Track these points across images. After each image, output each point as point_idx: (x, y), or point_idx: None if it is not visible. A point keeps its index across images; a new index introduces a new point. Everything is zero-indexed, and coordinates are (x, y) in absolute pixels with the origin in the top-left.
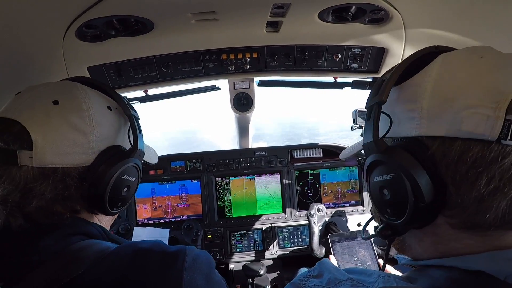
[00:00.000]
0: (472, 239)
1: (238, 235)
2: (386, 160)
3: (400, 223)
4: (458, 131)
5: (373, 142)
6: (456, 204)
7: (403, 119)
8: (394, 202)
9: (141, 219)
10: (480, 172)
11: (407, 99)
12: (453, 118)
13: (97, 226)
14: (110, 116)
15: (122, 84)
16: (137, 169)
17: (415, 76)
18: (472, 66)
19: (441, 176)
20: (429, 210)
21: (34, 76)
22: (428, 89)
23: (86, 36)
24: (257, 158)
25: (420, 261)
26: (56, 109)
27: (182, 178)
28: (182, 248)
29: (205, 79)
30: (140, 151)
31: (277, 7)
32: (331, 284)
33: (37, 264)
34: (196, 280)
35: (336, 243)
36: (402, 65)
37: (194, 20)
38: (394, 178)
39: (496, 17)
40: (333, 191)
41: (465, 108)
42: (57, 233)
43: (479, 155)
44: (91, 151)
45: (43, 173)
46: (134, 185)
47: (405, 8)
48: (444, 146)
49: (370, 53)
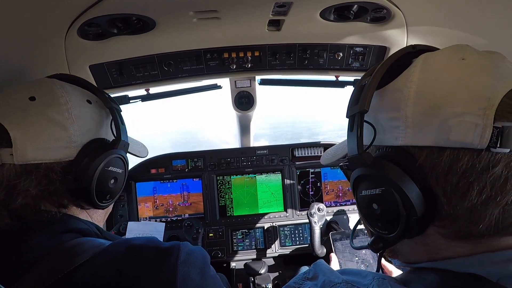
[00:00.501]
0: (463, 247)
1: (240, 234)
2: (373, 174)
3: (392, 236)
4: (446, 140)
5: (359, 155)
6: (448, 215)
7: (387, 127)
8: (384, 216)
9: (142, 217)
10: (471, 182)
11: (390, 106)
12: (440, 127)
13: (88, 223)
14: (90, 109)
15: (124, 82)
16: (123, 160)
17: (395, 80)
18: (455, 69)
19: (431, 188)
20: (420, 222)
21: (36, 75)
22: (411, 96)
23: (88, 35)
24: (259, 156)
25: (413, 264)
26: (33, 105)
27: (184, 176)
28: (176, 243)
29: (206, 78)
30: (123, 142)
31: (279, 6)
32: (326, 287)
33: (31, 262)
34: (191, 274)
35: (338, 241)
36: (382, 69)
37: (196, 19)
38: (383, 192)
39: (498, 13)
40: (334, 189)
41: (452, 116)
42: (47, 230)
43: (469, 164)
44: (73, 145)
45: (26, 169)
46: (121, 177)
47: (407, 6)
48: (432, 156)
49: (372, 51)
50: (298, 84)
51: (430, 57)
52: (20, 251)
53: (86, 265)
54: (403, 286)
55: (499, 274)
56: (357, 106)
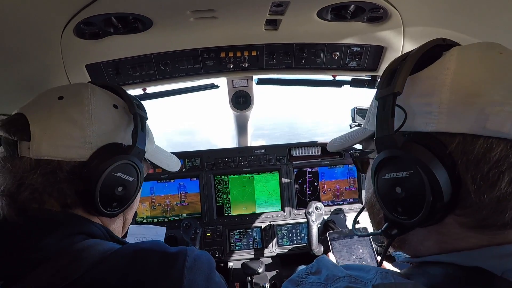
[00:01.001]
0: (478, 238)
1: (237, 233)
2: (403, 156)
3: (412, 222)
4: (482, 128)
5: (389, 136)
6: (472, 204)
7: (418, 113)
8: (408, 200)
9: (140, 217)
10: (503, 172)
11: (422, 91)
12: (477, 115)
13: (100, 226)
14: (114, 113)
15: (120, 82)
16: (136, 168)
17: (429, 68)
18: (493, 61)
19: (459, 175)
20: (444, 209)
21: (32, 74)
22: (447, 83)
23: (85, 34)
24: (256, 156)
25: (418, 258)
26: (59, 104)
27: (181, 176)
28: (182, 248)
29: (203, 77)
30: (138, 149)
31: (276, 5)
32: (329, 281)
33: (38, 262)
34: (197, 281)
35: (335, 240)
36: (416, 55)
37: (193, 18)
38: (411, 176)
39: (495, 15)
40: (331, 189)
41: (491, 104)
42: (59, 231)
43: (503, 154)
44: (87, 146)
45: (38, 164)
46: (131, 186)
47: (404, 6)
48: (465, 143)
49: (369, 51)
50: (295, 83)
51: (465, 49)
52: (26, 250)
53: (94, 269)
54: (406, 279)
55: (503, 268)
56: (390, 87)
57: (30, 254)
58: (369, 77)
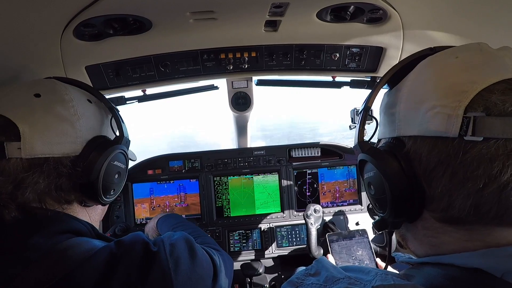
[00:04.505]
0: (459, 233)
1: (237, 235)
2: (367, 159)
3: (384, 216)
4: (426, 130)
5: (358, 144)
6: (432, 199)
7: (388, 122)
8: (377, 197)
9: (139, 219)
10: (446, 168)
11: (391, 103)
12: (421, 118)
13: (85, 223)
14: (91, 108)
15: (120, 83)
16: (125, 156)
17: (402, 81)
18: (444, 67)
19: (415, 172)
20: (410, 204)
21: (31, 76)
22: (405, 94)
23: (84, 35)
24: (256, 157)
25: (418, 258)
26: (39, 101)
27: (181, 177)
28: (158, 238)
29: (203, 79)
30: (126, 138)
31: (275, 7)
32: (328, 282)
33: (27, 262)
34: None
35: (334, 242)
36: (391, 71)
37: (193, 20)
38: (375, 175)
39: (494, 17)
40: (331, 190)
41: (430, 109)
42: (45, 230)
43: (444, 151)
44: (79, 141)
45: (34, 163)
46: (124, 172)
47: (403, 8)
48: (416, 144)
49: (368, 52)
50: (294, 84)
51: (432, 58)
52: (18, 250)
53: (78, 270)
54: (405, 280)
55: (503, 269)
56: (364, 103)
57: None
58: (369, 78)
